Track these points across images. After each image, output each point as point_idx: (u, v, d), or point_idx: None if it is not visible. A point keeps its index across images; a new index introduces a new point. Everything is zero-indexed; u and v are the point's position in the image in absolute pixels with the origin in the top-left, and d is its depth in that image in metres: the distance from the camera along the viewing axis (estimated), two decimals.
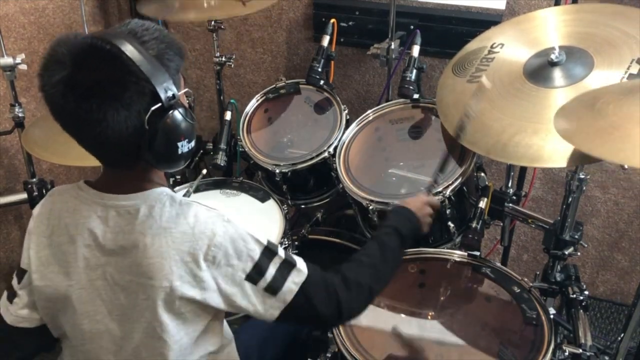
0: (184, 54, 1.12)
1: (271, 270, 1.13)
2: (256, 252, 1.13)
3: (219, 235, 1.09)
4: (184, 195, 1.87)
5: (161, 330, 1.11)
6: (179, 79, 1.12)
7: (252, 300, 1.13)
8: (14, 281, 1.19)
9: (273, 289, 1.14)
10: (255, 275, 1.12)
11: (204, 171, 1.89)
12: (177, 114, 1.06)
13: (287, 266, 1.16)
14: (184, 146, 1.08)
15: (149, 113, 1.02)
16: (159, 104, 1.03)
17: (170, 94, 1.04)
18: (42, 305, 1.18)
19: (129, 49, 1.01)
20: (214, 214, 1.12)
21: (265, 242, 1.15)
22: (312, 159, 1.88)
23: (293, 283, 1.15)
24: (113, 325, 1.14)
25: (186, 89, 1.15)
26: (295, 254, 1.84)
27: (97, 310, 1.14)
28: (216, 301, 1.12)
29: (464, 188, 1.70)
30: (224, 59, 2.24)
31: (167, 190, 1.14)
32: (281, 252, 1.17)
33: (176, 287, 1.07)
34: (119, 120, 1.01)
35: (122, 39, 1.02)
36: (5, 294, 1.22)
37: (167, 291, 1.08)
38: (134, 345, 1.14)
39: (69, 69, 1.00)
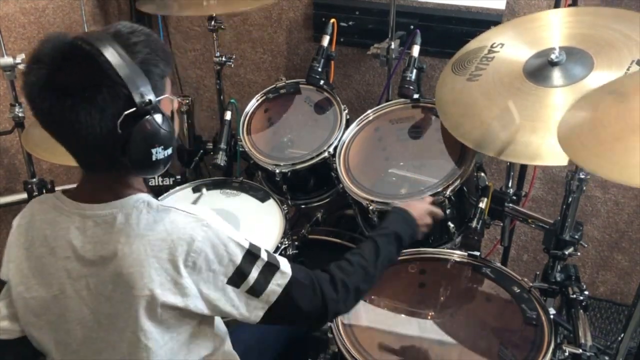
0: (170, 60, 1.11)
1: (254, 274, 1.13)
2: (238, 256, 1.11)
3: (198, 240, 1.07)
4: (196, 194, 1.94)
5: (145, 338, 1.10)
6: (164, 84, 1.10)
7: (235, 304, 1.13)
8: None
9: (256, 291, 1.13)
10: (237, 278, 1.12)
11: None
12: (152, 120, 1.03)
13: (271, 269, 1.15)
14: (159, 153, 1.06)
15: (121, 117, 1.01)
16: (133, 109, 1.01)
17: (146, 99, 1.02)
18: (28, 321, 1.16)
19: (109, 51, 1.00)
20: (191, 219, 1.09)
21: (247, 245, 1.13)
22: (312, 159, 1.88)
23: (277, 285, 1.14)
24: (102, 334, 1.13)
25: (166, 95, 1.11)
26: (296, 254, 1.88)
27: (86, 318, 1.13)
28: (199, 307, 1.11)
29: (464, 188, 1.70)
30: (224, 58, 2.24)
31: (144, 196, 1.12)
32: (264, 254, 1.15)
33: (157, 295, 1.06)
34: (92, 123, 1.00)
35: (105, 41, 1.02)
36: None
37: (149, 299, 1.07)
38: (122, 355, 1.13)
39: (48, 68, 1.01)
